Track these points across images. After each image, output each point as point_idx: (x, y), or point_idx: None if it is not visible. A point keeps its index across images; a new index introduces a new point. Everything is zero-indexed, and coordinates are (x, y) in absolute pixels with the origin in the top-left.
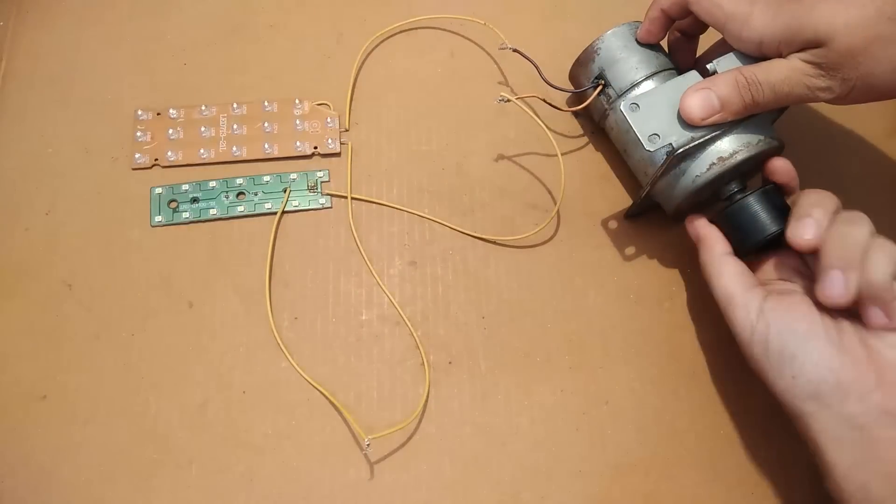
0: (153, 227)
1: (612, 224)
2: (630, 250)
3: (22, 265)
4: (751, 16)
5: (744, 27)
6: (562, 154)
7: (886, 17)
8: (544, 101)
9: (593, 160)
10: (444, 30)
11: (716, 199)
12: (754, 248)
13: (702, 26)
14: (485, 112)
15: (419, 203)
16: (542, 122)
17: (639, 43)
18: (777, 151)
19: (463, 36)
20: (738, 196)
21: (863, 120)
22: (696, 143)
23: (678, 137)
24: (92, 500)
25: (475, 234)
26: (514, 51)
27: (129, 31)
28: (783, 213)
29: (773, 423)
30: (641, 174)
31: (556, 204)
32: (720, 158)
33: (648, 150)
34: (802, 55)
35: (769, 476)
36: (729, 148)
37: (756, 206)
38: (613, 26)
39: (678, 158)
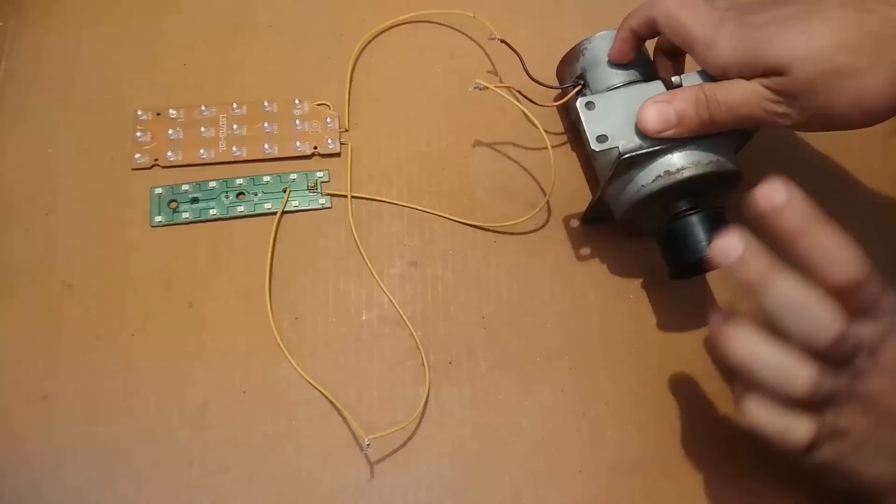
0: (153, 227)
1: (575, 223)
2: (630, 251)
3: (22, 265)
4: (716, 41)
5: (709, 52)
6: (552, 148)
7: (846, 50)
8: (520, 92)
9: (585, 160)
10: (441, 24)
11: (667, 215)
12: (687, 269)
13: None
14: (484, 112)
15: (419, 203)
16: (536, 120)
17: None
18: (731, 176)
19: (463, 33)
20: (684, 214)
21: None
22: (644, 151)
23: (626, 142)
24: (92, 500)
25: (472, 223)
26: (502, 41)
27: (129, 31)
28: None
29: None
30: (602, 179)
31: (545, 196)
32: (667, 172)
33: (593, 150)
34: (763, 80)
35: (769, 476)
36: (678, 163)
37: (696, 227)
38: (608, 28)
39: (626, 164)
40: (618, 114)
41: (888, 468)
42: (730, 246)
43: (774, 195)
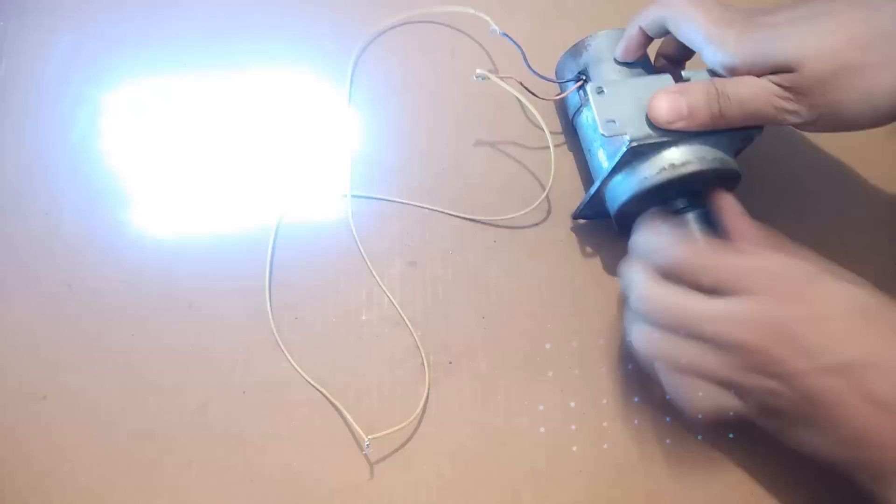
0: None
1: (570, 223)
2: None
3: (22, 265)
4: (727, 39)
5: (719, 49)
6: (554, 147)
7: (857, 47)
8: (521, 84)
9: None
10: (442, 24)
11: None
12: None
13: (685, 53)
14: (485, 111)
15: (419, 202)
16: (540, 117)
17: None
18: (732, 175)
19: (463, 33)
20: (681, 213)
21: None
22: (652, 141)
23: (635, 130)
24: (92, 500)
25: (472, 217)
26: (503, 35)
27: (129, 31)
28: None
29: None
30: (597, 175)
31: (544, 190)
32: (671, 165)
33: (602, 135)
34: (773, 77)
35: (769, 476)
36: (682, 157)
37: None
38: (608, 27)
39: (633, 153)
40: (627, 102)
41: (832, 447)
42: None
43: None
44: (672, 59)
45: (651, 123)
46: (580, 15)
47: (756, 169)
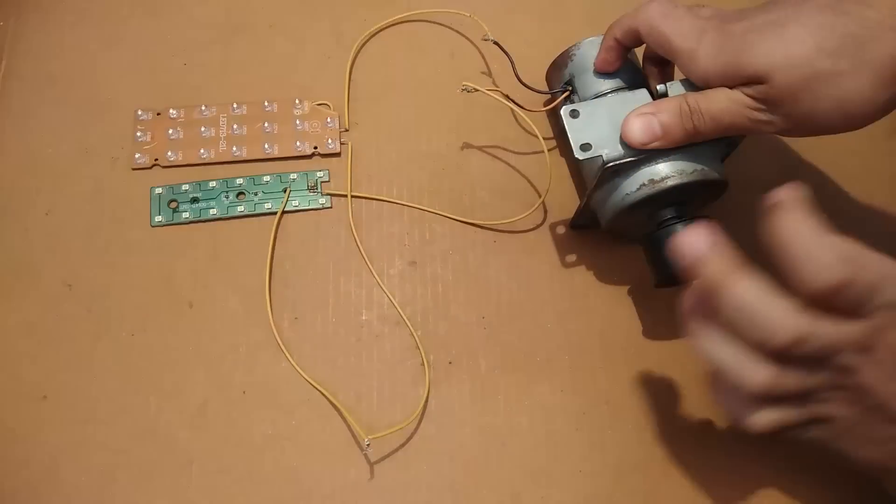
0: (153, 227)
1: (562, 229)
2: (629, 251)
3: (22, 265)
4: (697, 52)
5: (691, 63)
6: (548, 151)
7: (826, 54)
8: (507, 96)
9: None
10: (442, 24)
11: (652, 223)
12: (671, 278)
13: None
14: (485, 112)
15: (419, 203)
16: (531, 121)
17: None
18: (716, 185)
19: (463, 34)
20: (668, 224)
21: None
22: (628, 160)
23: (610, 151)
24: (92, 500)
25: (472, 221)
26: (495, 43)
27: (129, 31)
28: None
29: None
30: (587, 186)
31: (542, 193)
32: (651, 181)
33: (577, 158)
34: (745, 89)
35: (768, 476)
36: (662, 172)
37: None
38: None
39: (611, 173)
40: (602, 122)
41: (876, 453)
42: (695, 241)
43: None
44: (657, 60)
45: None
46: (581, 16)
47: (753, 170)
